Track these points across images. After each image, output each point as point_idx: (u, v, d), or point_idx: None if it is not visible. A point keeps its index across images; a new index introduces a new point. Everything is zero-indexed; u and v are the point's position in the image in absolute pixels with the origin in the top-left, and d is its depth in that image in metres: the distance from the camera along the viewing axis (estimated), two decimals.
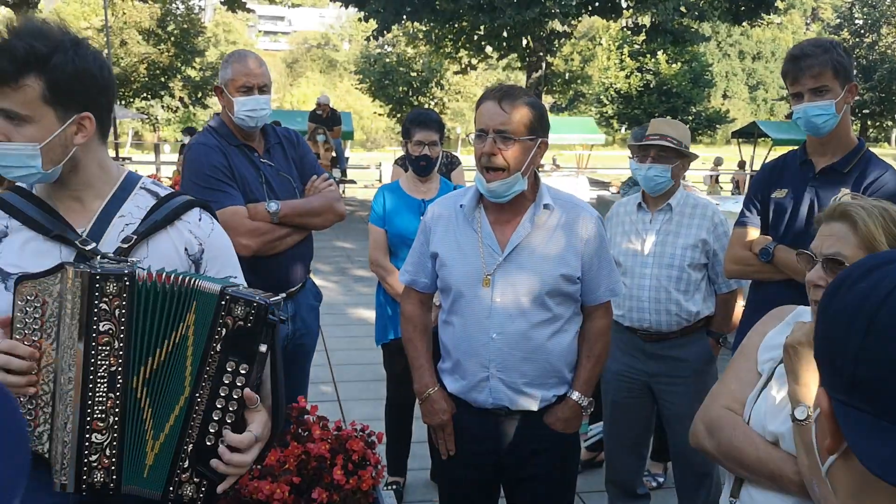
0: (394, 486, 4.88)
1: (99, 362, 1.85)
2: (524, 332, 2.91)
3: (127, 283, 1.84)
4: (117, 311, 1.84)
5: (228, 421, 1.90)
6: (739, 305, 4.07)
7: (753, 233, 3.55)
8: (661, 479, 5.21)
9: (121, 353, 1.85)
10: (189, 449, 1.90)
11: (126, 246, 2.03)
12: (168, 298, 1.89)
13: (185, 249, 2.15)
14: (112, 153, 21.81)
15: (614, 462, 4.35)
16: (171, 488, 1.92)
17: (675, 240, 3.92)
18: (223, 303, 1.87)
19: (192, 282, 1.90)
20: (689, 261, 3.88)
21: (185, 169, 3.72)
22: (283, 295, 3.61)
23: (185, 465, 1.91)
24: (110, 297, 1.83)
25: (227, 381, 1.88)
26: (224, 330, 1.87)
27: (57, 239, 2.00)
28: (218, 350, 1.87)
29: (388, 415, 4.95)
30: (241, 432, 1.92)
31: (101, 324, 1.84)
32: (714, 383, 2.38)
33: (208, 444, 1.90)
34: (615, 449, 4.32)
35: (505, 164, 2.83)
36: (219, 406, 1.89)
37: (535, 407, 3.00)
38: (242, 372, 1.88)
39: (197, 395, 1.89)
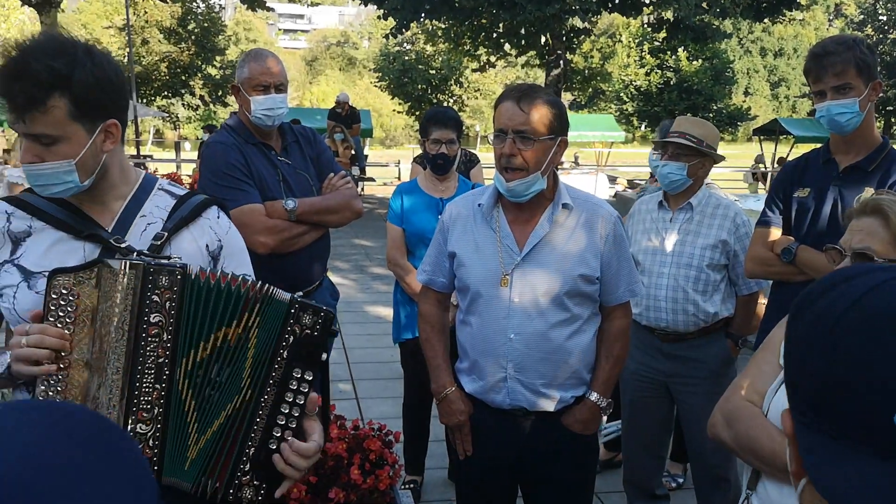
0: (411, 485, 4.86)
1: (147, 353, 1.86)
2: (542, 333, 2.89)
3: (179, 276, 1.86)
4: (167, 304, 1.86)
5: (291, 426, 1.92)
6: (762, 303, 4.02)
7: (775, 232, 3.51)
8: (680, 480, 5.17)
9: (168, 345, 1.87)
10: (251, 452, 1.92)
11: (158, 243, 2.06)
12: (218, 296, 1.89)
13: (207, 246, 2.19)
14: (133, 151, 21.93)
15: (633, 462, 4.31)
16: (230, 490, 1.93)
17: (694, 239, 3.87)
18: (292, 311, 1.89)
19: (265, 289, 1.91)
20: (708, 261, 3.83)
21: (203, 167, 3.73)
22: (301, 294, 3.61)
23: (247, 468, 1.92)
24: (162, 289, 1.85)
25: (293, 388, 1.90)
26: (291, 338, 1.89)
27: (89, 238, 2.03)
28: (284, 357, 1.89)
29: (405, 413, 4.94)
30: (301, 438, 1.94)
31: (152, 315, 1.85)
32: None
33: (271, 447, 1.92)
34: (633, 449, 4.28)
35: (524, 164, 2.81)
36: (283, 411, 1.91)
37: (553, 408, 2.97)
38: (308, 379, 1.91)
39: (262, 399, 1.90)
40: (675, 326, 3.91)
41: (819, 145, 3.59)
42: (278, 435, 1.91)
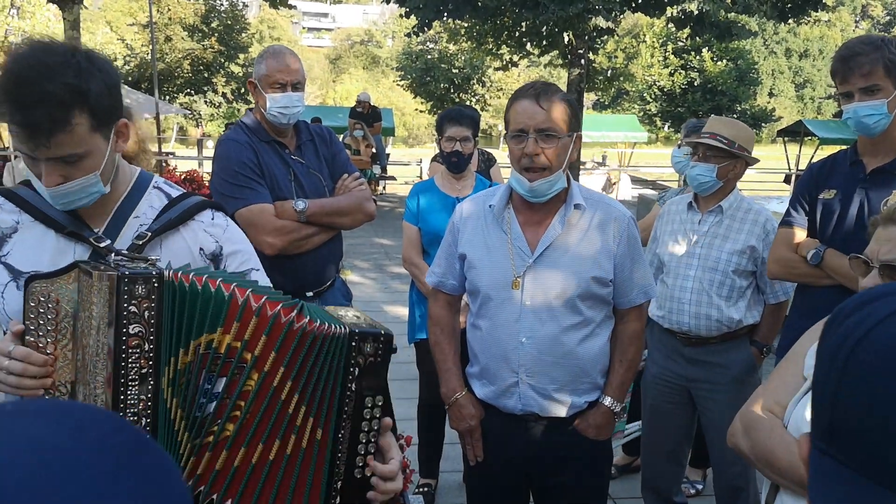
0: (425, 489, 4.81)
1: (130, 365, 1.78)
2: (554, 336, 2.83)
3: (155, 284, 1.78)
4: (146, 314, 1.78)
5: (371, 452, 1.89)
6: None
7: (799, 234, 3.43)
8: (699, 486, 5.09)
9: (151, 355, 1.80)
10: (339, 486, 1.88)
11: (140, 243, 2.00)
12: (194, 299, 1.81)
13: (201, 249, 2.13)
14: (155, 148, 22.00)
15: (651, 468, 4.24)
16: None
17: (722, 243, 3.79)
18: (353, 343, 1.83)
19: (323, 327, 1.81)
20: (734, 266, 3.75)
21: (215, 165, 3.70)
22: (311, 294, 3.55)
23: (337, 501, 1.89)
24: (139, 299, 1.77)
25: (367, 417, 1.87)
26: (357, 369, 1.84)
27: (71, 236, 1.97)
28: (353, 389, 1.85)
29: (420, 415, 4.88)
30: (378, 458, 1.91)
31: (131, 326, 1.78)
32: None
33: (357, 477, 1.89)
34: (653, 454, 4.21)
35: (548, 163, 2.76)
36: (363, 441, 1.88)
37: (565, 413, 2.92)
38: (379, 404, 1.87)
39: (339, 435, 1.86)
40: (697, 331, 3.83)
41: (843, 147, 3.51)
42: (361, 465, 1.88)
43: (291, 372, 1.81)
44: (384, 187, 21.78)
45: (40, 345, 1.80)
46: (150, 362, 1.80)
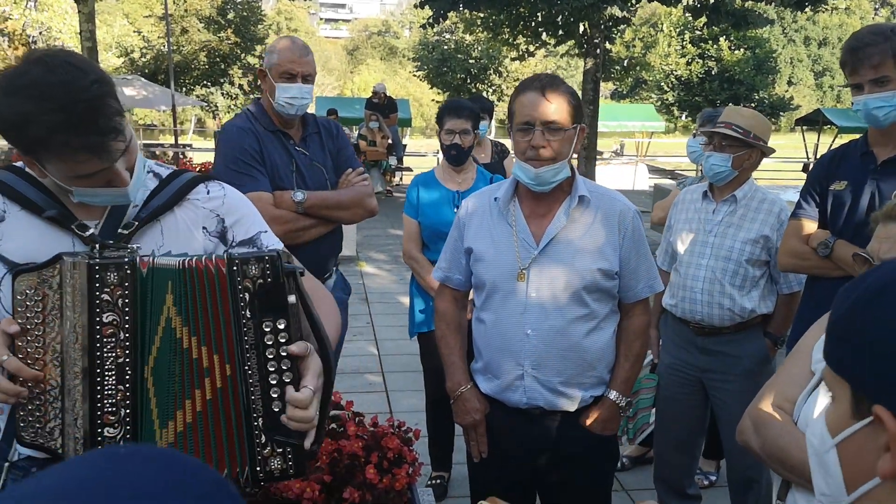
0: (437, 480, 4.81)
1: (105, 354, 1.77)
2: (560, 329, 2.82)
3: (128, 271, 1.76)
4: (120, 301, 1.76)
5: (287, 380, 1.80)
6: None
7: (810, 225, 3.41)
8: (713, 478, 5.07)
9: (127, 343, 1.78)
10: (260, 423, 1.81)
11: (126, 233, 1.95)
12: (155, 282, 1.80)
13: (205, 229, 2.08)
14: (171, 140, 22.07)
15: (664, 459, 4.22)
16: (258, 468, 1.82)
17: (736, 233, 3.77)
18: (234, 268, 1.78)
19: (201, 262, 1.80)
20: (747, 256, 3.73)
21: (218, 150, 3.73)
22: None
23: (263, 440, 1.81)
24: (112, 286, 1.76)
25: (269, 342, 1.78)
26: (247, 294, 1.78)
27: (53, 222, 1.90)
28: (248, 316, 1.78)
29: (429, 408, 4.86)
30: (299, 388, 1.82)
31: (105, 315, 1.76)
32: None
33: (276, 410, 1.80)
34: (665, 445, 4.19)
35: (553, 155, 2.76)
36: (272, 369, 1.79)
37: (571, 407, 2.91)
38: (281, 327, 1.78)
39: (246, 367, 1.79)
40: (709, 320, 3.81)
41: (854, 137, 3.48)
42: (276, 395, 1.79)
43: (182, 316, 1.79)
44: (400, 178, 21.72)
45: (29, 338, 1.78)
46: (127, 351, 1.78)
